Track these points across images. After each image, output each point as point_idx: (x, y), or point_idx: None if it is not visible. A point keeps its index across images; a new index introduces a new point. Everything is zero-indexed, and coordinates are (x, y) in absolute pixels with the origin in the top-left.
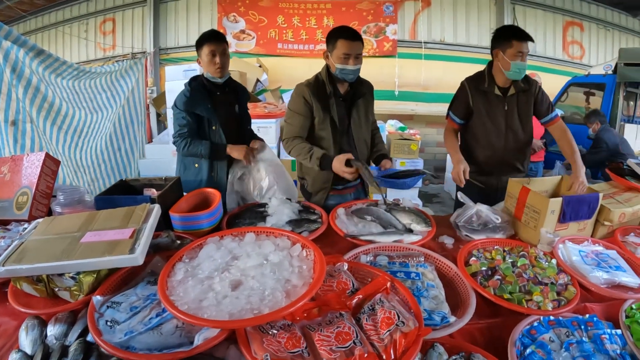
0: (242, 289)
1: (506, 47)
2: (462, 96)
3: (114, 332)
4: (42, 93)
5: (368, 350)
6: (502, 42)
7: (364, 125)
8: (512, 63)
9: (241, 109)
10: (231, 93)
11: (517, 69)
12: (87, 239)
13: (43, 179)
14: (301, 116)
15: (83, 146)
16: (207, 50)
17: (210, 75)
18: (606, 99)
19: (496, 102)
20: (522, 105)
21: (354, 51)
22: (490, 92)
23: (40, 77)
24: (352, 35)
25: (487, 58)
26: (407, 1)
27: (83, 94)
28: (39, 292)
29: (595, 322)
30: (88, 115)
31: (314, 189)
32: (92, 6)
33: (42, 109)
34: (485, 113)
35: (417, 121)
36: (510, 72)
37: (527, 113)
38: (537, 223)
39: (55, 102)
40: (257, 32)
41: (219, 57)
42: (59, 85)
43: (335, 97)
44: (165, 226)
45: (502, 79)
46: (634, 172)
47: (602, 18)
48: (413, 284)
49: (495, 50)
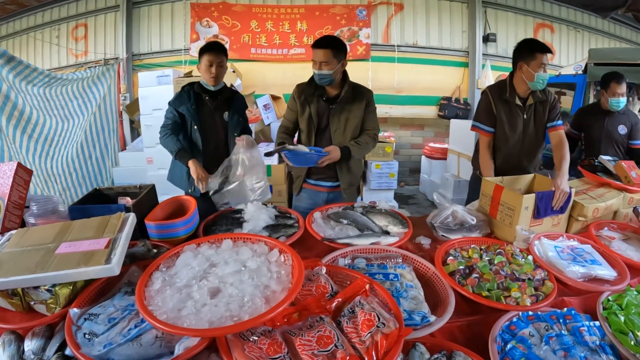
0: (221, 296)
1: (530, 59)
2: (486, 105)
3: (93, 345)
4: (12, 101)
5: (350, 353)
6: (526, 54)
7: (348, 131)
8: (536, 75)
9: (231, 117)
10: (223, 100)
11: (541, 79)
12: (62, 250)
13: (15, 189)
14: (290, 110)
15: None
16: (206, 60)
17: (204, 82)
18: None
19: (516, 112)
20: (539, 115)
21: (317, 58)
22: (512, 101)
23: (10, 84)
24: (316, 44)
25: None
26: (380, 5)
27: (54, 101)
28: (14, 306)
29: (574, 315)
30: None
31: (295, 174)
32: (64, 11)
33: (12, 117)
34: (506, 121)
35: (391, 124)
36: (534, 83)
37: (542, 121)
38: (512, 220)
39: (26, 110)
40: (231, 37)
41: (215, 68)
42: (29, 93)
43: (317, 96)
44: (141, 235)
45: (523, 89)
46: (606, 169)
47: (572, 20)
48: (392, 285)
49: (519, 62)
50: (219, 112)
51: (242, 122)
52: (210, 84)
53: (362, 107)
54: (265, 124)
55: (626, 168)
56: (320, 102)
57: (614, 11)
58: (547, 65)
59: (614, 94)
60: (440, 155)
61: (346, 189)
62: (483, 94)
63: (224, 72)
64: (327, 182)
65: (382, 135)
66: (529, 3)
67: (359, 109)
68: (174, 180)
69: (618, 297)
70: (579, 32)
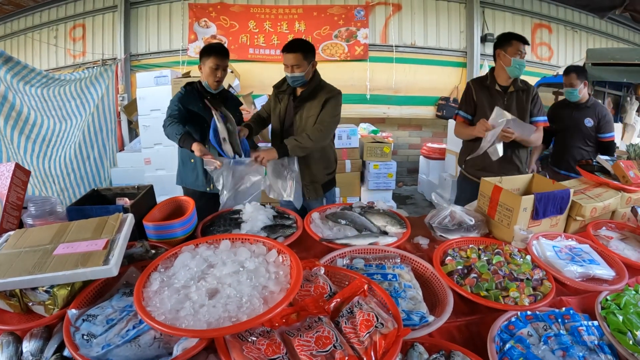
0: (219, 297)
1: (507, 46)
2: (468, 94)
3: (91, 346)
4: (10, 101)
5: (349, 353)
6: (503, 42)
7: (308, 128)
8: (512, 59)
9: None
10: (220, 102)
11: (517, 64)
12: (60, 251)
13: (13, 190)
14: (268, 103)
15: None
16: (212, 63)
17: (207, 85)
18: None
19: (496, 97)
20: (520, 103)
21: (288, 62)
22: (492, 87)
23: (8, 85)
24: (286, 48)
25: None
26: (378, 5)
27: (52, 102)
28: (12, 307)
29: (572, 314)
30: (57, 124)
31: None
32: (62, 12)
33: (10, 117)
34: (487, 105)
35: (389, 124)
36: (510, 68)
37: (524, 109)
38: (510, 221)
39: (24, 110)
40: (229, 38)
41: (221, 72)
42: (27, 93)
43: (287, 94)
44: (139, 236)
45: (503, 77)
46: (604, 168)
47: (570, 20)
48: (390, 286)
49: (497, 50)
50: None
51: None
52: (213, 87)
53: (320, 104)
54: None
55: (624, 168)
56: (290, 101)
57: (612, 11)
58: (524, 54)
59: (566, 84)
60: (438, 156)
61: (308, 185)
62: (466, 85)
63: (225, 76)
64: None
65: (380, 135)
66: (526, 3)
67: (317, 107)
68: (187, 181)
69: (616, 297)
70: (577, 32)
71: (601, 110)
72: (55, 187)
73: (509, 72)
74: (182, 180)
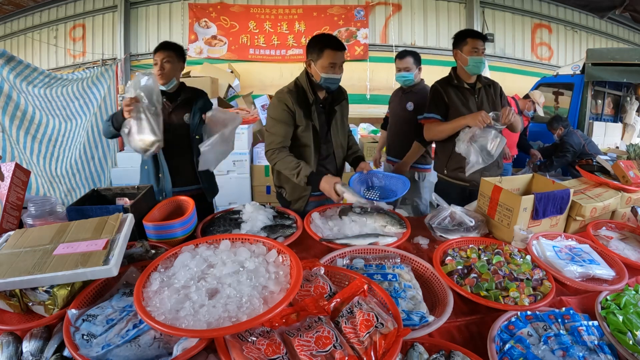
0: (219, 297)
1: (462, 45)
2: (437, 95)
3: (91, 346)
4: (15, 101)
5: (348, 353)
6: (459, 42)
7: (340, 130)
8: (469, 58)
9: (193, 118)
10: (183, 102)
11: (474, 62)
12: (60, 251)
13: (13, 190)
14: (284, 124)
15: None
16: (154, 60)
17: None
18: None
19: (468, 94)
20: (490, 97)
21: (339, 60)
22: (461, 85)
23: (12, 84)
24: (338, 45)
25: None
26: (378, 5)
27: (55, 102)
28: (12, 307)
29: (572, 314)
30: (62, 124)
31: (293, 197)
32: (62, 12)
33: (15, 117)
34: (460, 104)
35: None
36: (469, 67)
37: (496, 103)
38: (510, 221)
39: (29, 110)
40: (229, 38)
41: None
42: (30, 93)
43: (316, 104)
44: (139, 236)
45: (466, 75)
46: (604, 168)
47: (570, 20)
48: (390, 286)
49: (455, 50)
50: (178, 115)
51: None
52: (160, 82)
53: (344, 104)
54: (263, 125)
55: (624, 168)
56: (320, 110)
57: (612, 11)
58: (483, 50)
59: (402, 68)
60: None
61: None
62: (432, 88)
63: (174, 69)
64: None
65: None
66: (526, 3)
67: (343, 107)
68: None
69: (616, 297)
70: (577, 32)
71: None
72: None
73: (468, 71)
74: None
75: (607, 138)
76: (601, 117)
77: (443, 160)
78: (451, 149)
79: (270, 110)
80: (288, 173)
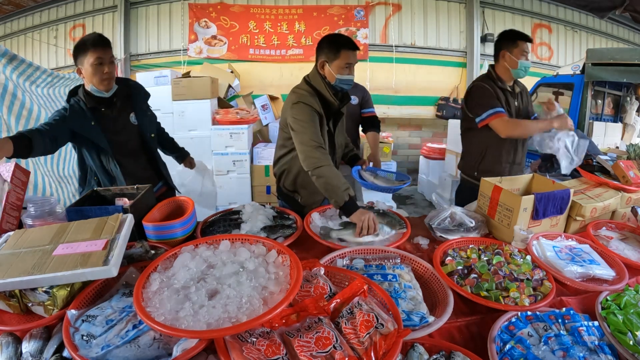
0: (218, 297)
1: (512, 47)
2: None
3: (91, 347)
4: (20, 99)
5: (349, 354)
6: (508, 43)
7: (341, 131)
8: (520, 62)
9: (140, 116)
10: (123, 101)
11: (524, 67)
12: (60, 251)
13: (13, 190)
14: (315, 125)
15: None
16: (92, 59)
17: (94, 89)
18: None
19: (511, 99)
20: (525, 102)
21: (354, 60)
22: (505, 88)
23: (16, 83)
24: (354, 46)
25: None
26: (378, 5)
27: (59, 102)
28: (12, 307)
29: (572, 315)
30: None
31: (308, 202)
32: (62, 12)
33: (21, 116)
34: (506, 109)
35: (388, 124)
36: (517, 70)
37: (529, 109)
38: (510, 221)
39: (34, 109)
40: (229, 38)
41: (107, 66)
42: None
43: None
44: (138, 236)
45: (507, 77)
46: (604, 168)
47: (570, 20)
48: (390, 286)
49: (502, 51)
50: (124, 118)
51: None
52: (102, 88)
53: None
54: (263, 125)
55: (624, 168)
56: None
57: (612, 11)
58: (528, 53)
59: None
60: (438, 156)
61: None
62: (477, 87)
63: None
64: None
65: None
66: (526, 3)
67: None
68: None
69: (616, 297)
70: (577, 32)
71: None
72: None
73: (514, 74)
74: None
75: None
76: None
77: (474, 161)
78: (484, 151)
79: (297, 113)
80: (336, 183)
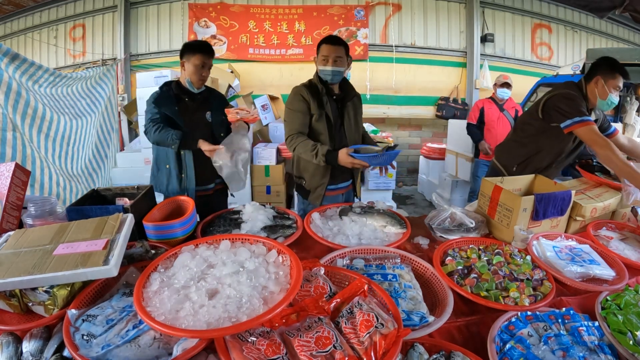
0: (218, 297)
1: (609, 77)
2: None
3: (91, 346)
4: (25, 98)
5: (348, 354)
6: (606, 71)
7: (354, 126)
8: (610, 95)
9: (214, 117)
10: (203, 100)
11: (611, 101)
12: (60, 251)
13: (13, 190)
14: (300, 113)
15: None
16: (197, 60)
17: (190, 83)
18: None
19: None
20: None
21: (332, 54)
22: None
23: (19, 82)
24: (331, 40)
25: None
26: (378, 5)
27: (62, 101)
28: (12, 307)
29: (572, 315)
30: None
31: (312, 185)
32: (62, 12)
33: (27, 115)
34: None
35: (389, 124)
36: (603, 102)
37: None
38: (509, 221)
39: (39, 107)
40: (229, 38)
41: (206, 71)
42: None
43: (328, 95)
44: (139, 236)
45: (591, 103)
46: (604, 168)
47: (570, 20)
48: (390, 286)
49: (597, 77)
50: (201, 113)
51: (225, 122)
52: (196, 86)
53: (356, 103)
54: (263, 124)
55: None
56: (331, 101)
57: (611, 11)
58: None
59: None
60: (438, 156)
61: (356, 184)
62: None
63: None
64: (344, 183)
65: (380, 135)
66: (526, 3)
67: (355, 105)
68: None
69: (616, 297)
70: (577, 32)
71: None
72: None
73: (599, 104)
74: (156, 186)
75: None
76: None
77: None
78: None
79: (288, 103)
80: (308, 155)
